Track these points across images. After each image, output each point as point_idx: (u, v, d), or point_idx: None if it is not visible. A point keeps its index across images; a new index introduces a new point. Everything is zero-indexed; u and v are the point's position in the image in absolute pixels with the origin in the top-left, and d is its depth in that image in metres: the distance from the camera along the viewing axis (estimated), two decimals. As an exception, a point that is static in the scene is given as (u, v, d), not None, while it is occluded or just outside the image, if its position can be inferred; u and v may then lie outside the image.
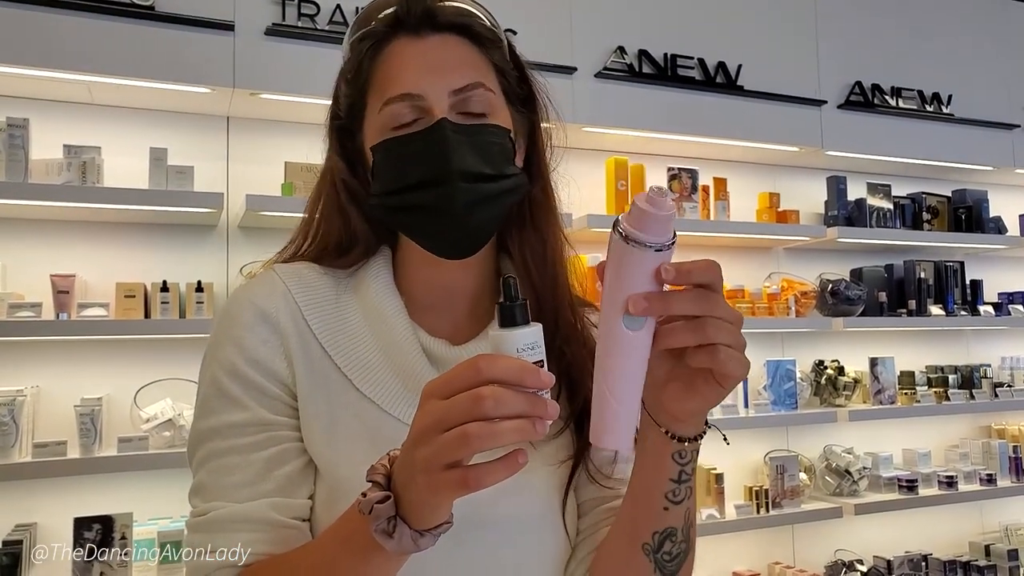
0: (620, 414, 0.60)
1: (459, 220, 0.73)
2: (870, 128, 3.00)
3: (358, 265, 0.82)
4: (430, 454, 0.54)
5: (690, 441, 0.67)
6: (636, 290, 0.58)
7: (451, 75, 0.75)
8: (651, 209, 0.57)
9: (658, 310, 0.58)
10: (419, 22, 0.76)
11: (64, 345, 2.11)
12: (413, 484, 0.56)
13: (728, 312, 0.60)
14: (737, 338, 0.60)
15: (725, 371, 0.60)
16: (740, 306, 2.71)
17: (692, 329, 0.59)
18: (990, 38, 3.34)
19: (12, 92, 2.11)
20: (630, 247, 0.58)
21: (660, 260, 0.58)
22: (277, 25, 2.15)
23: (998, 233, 3.33)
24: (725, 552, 2.84)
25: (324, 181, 0.83)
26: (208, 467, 0.74)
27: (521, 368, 0.54)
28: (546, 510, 0.77)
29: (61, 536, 1.99)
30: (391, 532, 0.57)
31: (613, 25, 2.60)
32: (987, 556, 3.12)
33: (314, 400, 0.75)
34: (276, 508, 0.72)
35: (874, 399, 2.98)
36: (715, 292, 0.59)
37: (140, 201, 2.01)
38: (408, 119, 0.74)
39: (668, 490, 0.70)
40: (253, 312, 0.76)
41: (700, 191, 2.76)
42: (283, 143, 2.33)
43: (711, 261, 0.59)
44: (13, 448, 1.90)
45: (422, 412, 0.56)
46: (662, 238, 0.58)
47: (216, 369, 0.75)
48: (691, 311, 0.59)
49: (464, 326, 0.82)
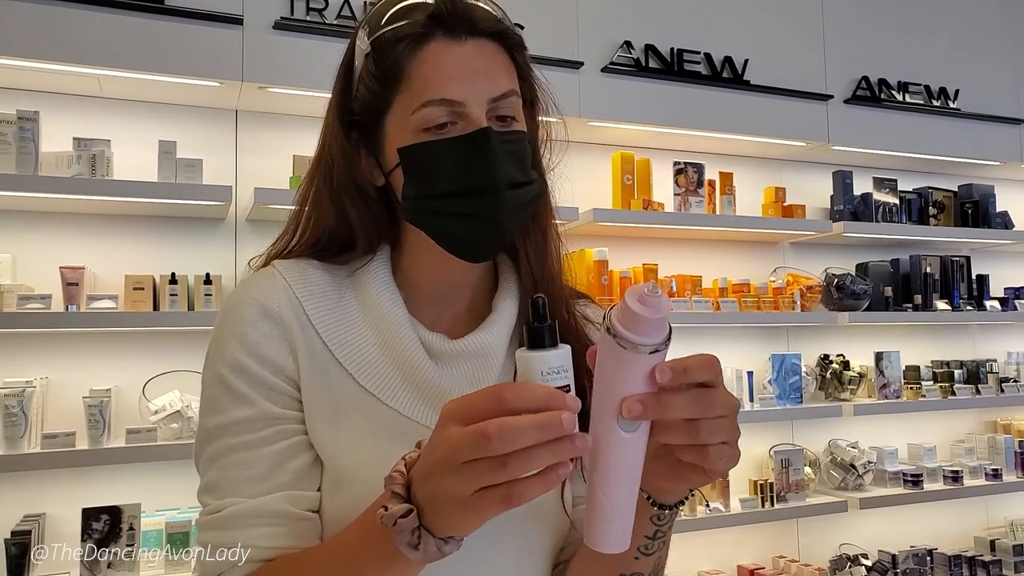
0: (615, 517, 0.59)
1: (499, 226, 0.75)
2: (876, 123, 3.00)
3: (358, 264, 0.82)
4: (461, 483, 0.54)
5: (670, 508, 0.68)
6: (630, 392, 0.56)
7: (490, 83, 0.75)
8: (644, 312, 0.54)
9: (654, 415, 0.56)
10: (459, 26, 0.75)
11: (73, 337, 2.12)
12: (445, 505, 0.55)
13: (724, 407, 0.58)
14: (731, 433, 0.59)
15: (714, 469, 0.60)
16: (745, 300, 2.72)
17: (687, 430, 0.57)
18: (997, 32, 3.34)
19: (23, 85, 2.12)
20: (622, 348, 0.55)
21: (655, 361, 0.55)
22: (286, 19, 2.15)
23: (1004, 228, 3.32)
24: (730, 545, 2.84)
25: (320, 173, 0.82)
26: (219, 464, 0.74)
27: (548, 397, 0.53)
28: (543, 505, 0.77)
29: (69, 527, 2.01)
30: (416, 544, 0.57)
31: (619, 20, 2.61)
32: (992, 551, 3.12)
33: (316, 393, 0.76)
34: (291, 501, 0.72)
35: (879, 394, 2.98)
36: (713, 388, 0.58)
37: (149, 194, 2.02)
38: (442, 121, 0.74)
39: (642, 544, 0.70)
40: (255, 308, 0.76)
41: (706, 185, 2.76)
42: (291, 136, 2.34)
43: (710, 357, 0.58)
44: (22, 439, 1.91)
45: (443, 437, 0.55)
46: (656, 339, 0.55)
47: (221, 366, 0.75)
48: (688, 414, 0.57)
49: (463, 320, 0.83)
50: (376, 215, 0.81)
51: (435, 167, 0.75)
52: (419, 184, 0.76)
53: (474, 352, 0.79)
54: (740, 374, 2.76)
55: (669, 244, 2.89)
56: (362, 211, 0.80)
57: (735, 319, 2.70)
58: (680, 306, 2.58)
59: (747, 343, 2.99)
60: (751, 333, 3.00)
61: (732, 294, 2.75)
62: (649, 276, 2.62)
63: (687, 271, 2.78)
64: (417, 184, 0.76)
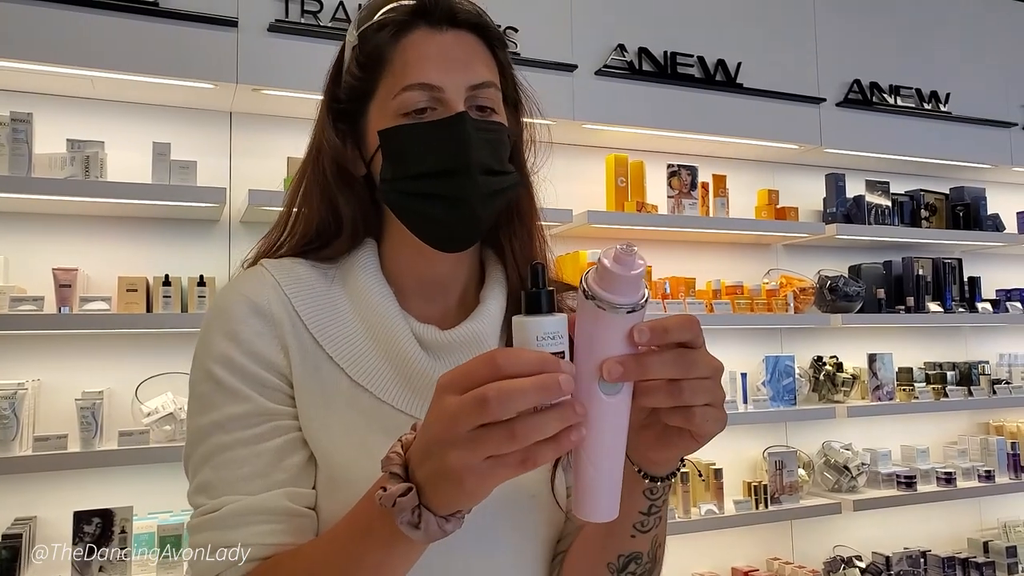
0: (602, 484, 0.58)
1: (472, 211, 0.75)
2: (868, 126, 3.02)
3: (343, 257, 0.83)
4: (468, 453, 0.53)
5: (662, 480, 0.67)
6: (610, 354, 0.55)
7: (469, 71, 0.77)
8: (619, 270, 0.53)
9: (634, 375, 0.56)
10: (441, 17, 0.78)
11: (66, 339, 2.12)
12: (449, 478, 0.54)
13: (707, 368, 0.57)
14: (715, 394, 0.58)
15: (701, 432, 0.59)
16: (739, 302, 2.73)
17: (669, 391, 0.57)
18: (988, 37, 3.36)
19: (16, 87, 2.12)
20: (600, 310, 0.54)
21: (633, 321, 0.55)
22: (280, 21, 2.16)
23: (996, 230, 3.34)
24: (724, 547, 2.84)
25: (309, 163, 0.83)
26: (213, 463, 0.72)
27: (541, 361, 0.52)
28: (537, 488, 0.78)
29: (61, 530, 2.00)
30: (417, 523, 0.56)
31: (613, 23, 2.62)
32: (985, 553, 3.13)
33: (309, 390, 0.75)
34: (291, 497, 0.72)
35: (872, 395, 2.99)
36: (694, 348, 0.57)
37: (143, 195, 2.02)
38: (422, 106, 0.76)
39: (637, 521, 0.70)
40: (245, 305, 0.76)
41: (699, 188, 2.77)
42: (286, 138, 2.34)
43: (689, 317, 0.57)
44: (14, 441, 1.90)
45: (440, 409, 0.54)
46: (633, 298, 0.54)
47: (211, 364, 0.74)
48: (669, 374, 0.56)
49: (453, 314, 0.83)
50: (363, 206, 0.83)
51: (411, 150, 0.76)
52: (395, 166, 0.77)
53: (466, 341, 0.79)
54: (734, 376, 2.76)
55: (663, 246, 2.90)
56: (350, 201, 0.81)
57: (729, 321, 2.70)
58: (674, 308, 2.59)
59: (741, 345, 2.99)
60: (745, 335, 3.01)
61: (725, 296, 2.76)
62: (643, 278, 2.62)
63: (681, 273, 2.78)
64: (394, 166, 0.77)
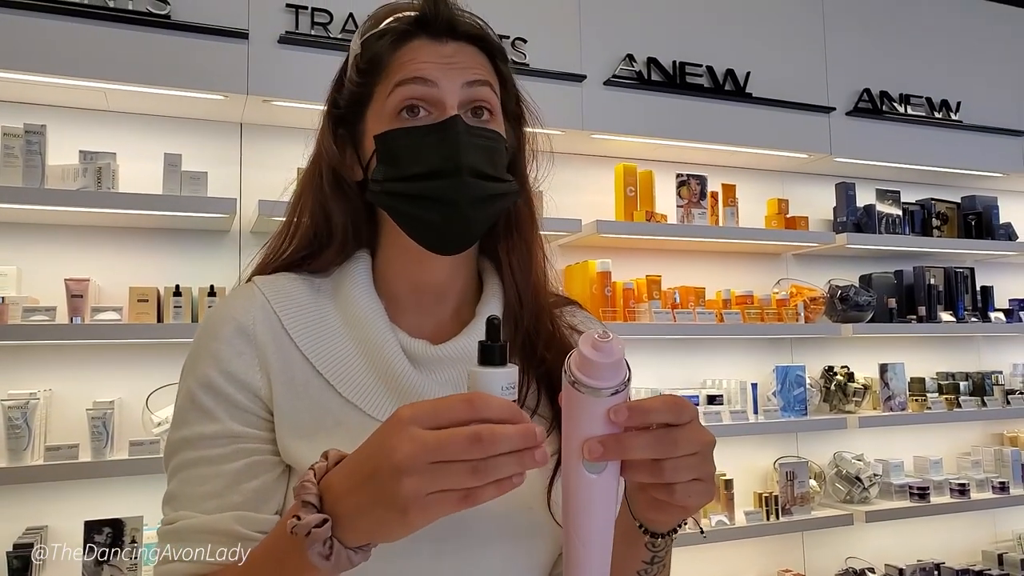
0: (589, 557, 0.59)
1: (462, 213, 0.75)
2: (879, 135, 3.01)
3: (334, 268, 0.83)
4: (424, 483, 0.53)
5: (662, 537, 0.68)
6: (593, 434, 0.57)
7: (464, 70, 0.78)
8: (597, 357, 0.56)
9: (615, 455, 0.57)
10: (441, 27, 0.79)
11: (77, 349, 2.13)
12: (383, 510, 0.55)
13: (693, 445, 0.58)
14: (701, 469, 0.59)
15: (684, 505, 0.60)
16: (749, 312, 2.71)
17: (651, 470, 0.58)
18: (998, 45, 3.35)
19: (30, 99, 2.14)
20: (581, 394, 0.57)
21: (615, 403, 0.57)
22: (290, 33, 2.17)
23: (1008, 239, 3.32)
24: (735, 559, 2.82)
25: (310, 173, 0.84)
26: (179, 477, 0.74)
27: (513, 409, 0.55)
28: (532, 510, 0.76)
29: (72, 540, 2.01)
30: (328, 555, 0.57)
31: (622, 33, 2.62)
32: (1000, 565, 3.10)
33: (295, 410, 0.75)
34: (241, 521, 0.72)
35: (884, 406, 2.97)
36: (679, 427, 0.58)
37: (154, 206, 2.03)
38: (415, 102, 0.76)
39: (640, 568, 0.71)
40: (231, 325, 0.77)
41: (709, 197, 2.76)
42: (296, 149, 2.32)
43: (674, 397, 0.58)
44: (25, 451, 1.91)
45: (406, 438, 0.54)
46: (613, 381, 0.56)
47: (191, 382, 0.76)
48: (649, 454, 0.57)
49: (447, 328, 0.82)
50: (356, 215, 0.83)
51: (404, 152, 0.77)
52: (388, 168, 0.78)
53: (457, 357, 0.78)
54: (744, 386, 2.75)
55: (672, 256, 2.89)
56: (344, 209, 0.82)
57: (739, 331, 2.69)
58: (683, 317, 2.58)
59: (751, 355, 2.98)
60: (755, 345, 3.00)
61: (736, 306, 2.75)
62: (652, 287, 2.62)
63: (690, 283, 2.77)
64: (386, 168, 0.78)
